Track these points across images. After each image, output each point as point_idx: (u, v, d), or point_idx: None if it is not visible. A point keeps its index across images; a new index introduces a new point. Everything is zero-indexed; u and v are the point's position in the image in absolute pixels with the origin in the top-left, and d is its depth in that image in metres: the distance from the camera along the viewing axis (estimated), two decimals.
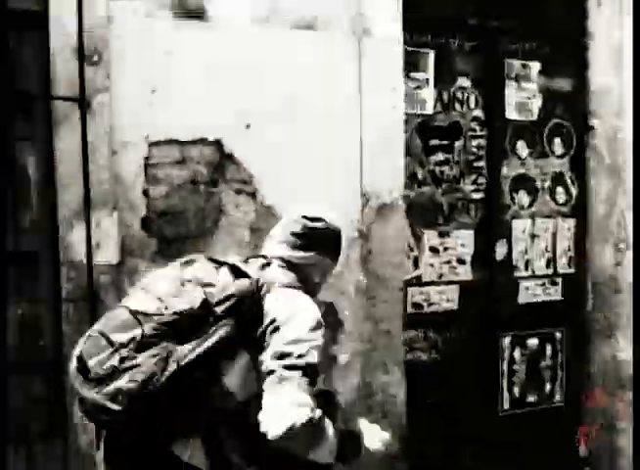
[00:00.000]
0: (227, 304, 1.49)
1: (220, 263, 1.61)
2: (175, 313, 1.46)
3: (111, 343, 1.43)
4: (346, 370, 2.63)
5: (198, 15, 2.36)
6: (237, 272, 1.57)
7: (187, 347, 1.43)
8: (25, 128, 2.28)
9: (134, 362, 1.39)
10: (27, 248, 2.26)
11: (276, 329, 1.50)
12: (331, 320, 2.59)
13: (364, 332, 2.66)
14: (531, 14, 3.16)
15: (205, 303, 1.48)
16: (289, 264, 1.70)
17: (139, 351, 1.40)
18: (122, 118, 2.26)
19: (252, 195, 2.48)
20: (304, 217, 1.74)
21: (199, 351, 1.43)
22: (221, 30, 2.39)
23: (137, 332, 1.43)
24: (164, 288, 1.53)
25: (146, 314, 1.46)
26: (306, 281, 1.72)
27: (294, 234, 1.72)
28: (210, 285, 1.52)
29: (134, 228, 2.31)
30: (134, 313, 1.47)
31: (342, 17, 2.56)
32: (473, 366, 3.12)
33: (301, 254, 1.71)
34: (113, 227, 2.26)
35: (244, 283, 1.54)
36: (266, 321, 1.52)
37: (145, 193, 2.32)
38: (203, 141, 2.38)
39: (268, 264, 1.68)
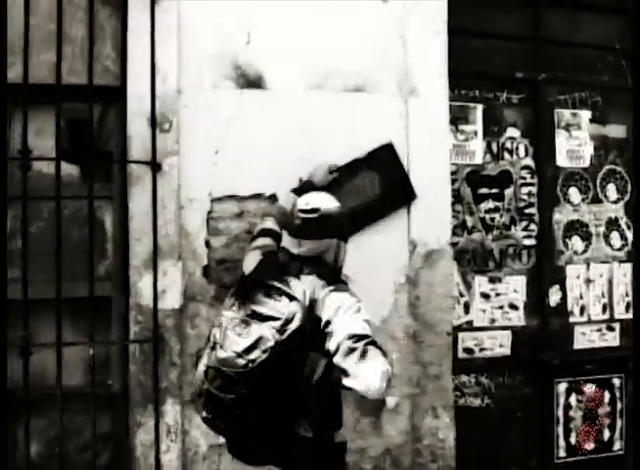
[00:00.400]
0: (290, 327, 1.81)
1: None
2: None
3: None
4: (395, 414, 2.72)
5: (257, 83, 2.60)
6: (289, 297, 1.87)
7: None
8: (104, 188, 2.57)
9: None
10: (101, 293, 2.51)
11: (328, 323, 1.82)
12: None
13: (413, 376, 2.75)
14: (580, 64, 3.24)
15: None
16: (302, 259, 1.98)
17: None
18: (189, 178, 2.51)
19: None
20: (300, 211, 2.01)
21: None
22: (278, 96, 2.62)
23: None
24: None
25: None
26: (325, 264, 2.01)
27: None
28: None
29: (196, 275, 2.53)
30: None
31: (390, 78, 2.74)
32: (526, 412, 3.13)
33: (309, 245, 1.99)
34: (177, 275, 2.48)
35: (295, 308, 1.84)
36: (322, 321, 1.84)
37: (206, 243, 2.54)
38: (259, 196, 2.59)
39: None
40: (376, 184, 2.70)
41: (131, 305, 2.44)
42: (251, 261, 2.05)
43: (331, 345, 1.79)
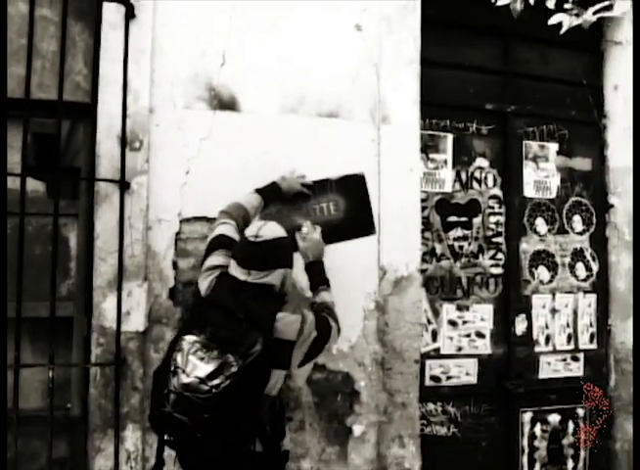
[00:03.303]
0: None
1: None
2: None
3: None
4: (362, 442, 2.68)
5: (230, 105, 2.60)
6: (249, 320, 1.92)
7: None
8: (71, 205, 2.51)
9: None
10: (63, 314, 2.44)
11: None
12: (346, 390, 2.68)
13: (380, 403, 2.72)
14: (548, 97, 3.33)
15: None
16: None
17: None
18: (158, 198, 2.47)
19: None
20: (249, 241, 2.01)
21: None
22: (251, 119, 2.62)
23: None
24: None
25: None
26: (273, 291, 2.05)
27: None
28: None
29: (162, 297, 2.48)
30: None
31: (363, 105, 2.76)
32: (492, 441, 3.12)
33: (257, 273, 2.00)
34: (142, 296, 2.43)
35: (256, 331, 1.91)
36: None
37: (174, 265, 2.50)
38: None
39: None
40: (340, 209, 2.69)
41: (93, 327, 2.38)
42: (206, 283, 2.04)
43: None
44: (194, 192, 2.53)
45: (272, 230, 2.05)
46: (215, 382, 1.76)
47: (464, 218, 3.16)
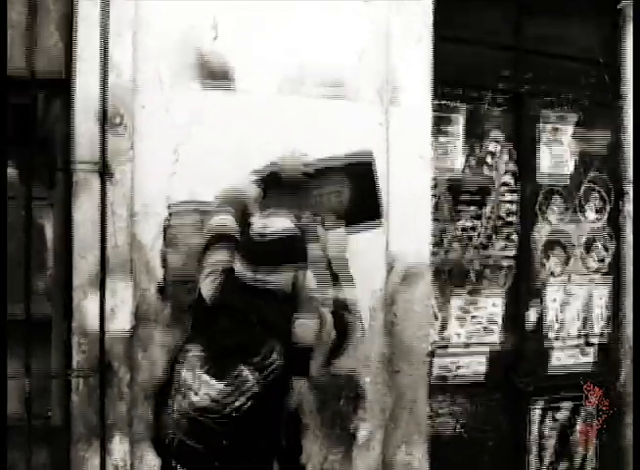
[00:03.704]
0: None
1: None
2: None
3: None
4: (366, 447, 2.51)
5: (224, 83, 2.35)
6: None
7: None
8: (46, 192, 2.27)
9: None
10: (40, 312, 2.22)
11: None
12: (351, 392, 2.50)
13: (386, 407, 2.55)
14: (565, 77, 3.11)
15: None
16: None
17: None
18: (144, 184, 2.24)
19: None
20: (256, 236, 1.79)
21: None
22: (247, 99, 2.38)
23: None
24: None
25: None
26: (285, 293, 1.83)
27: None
28: None
29: (149, 294, 2.26)
30: None
31: (370, 85, 2.53)
32: (499, 437, 2.97)
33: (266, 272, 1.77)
34: (128, 293, 2.21)
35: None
36: None
37: (162, 257, 2.28)
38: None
39: None
40: (345, 195, 2.45)
41: (74, 329, 2.15)
42: (209, 285, 1.81)
43: None
44: (183, 179, 2.29)
45: (282, 225, 1.83)
46: (234, 404, 1.57)
47: (474, 206, 2.96)
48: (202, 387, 1.59)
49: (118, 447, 2.18)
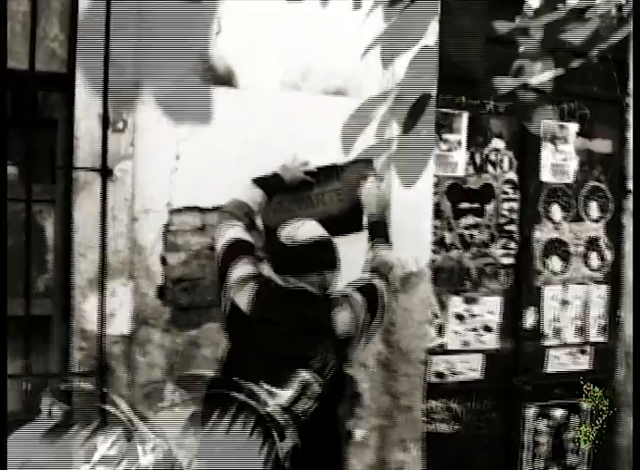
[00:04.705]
0: None
1: None
2: None
3: None
4: (362, 447, 2.52)
5: (226, 80, 2.30)
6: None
7: None
8: (47, 191, 2.24)
9: None
10: (40, 312, 2.21)
11: None
12: (348, 393, 2.50)
13: (383, 407, 2.55)
14: (569, 75, 3.05)
15: None
16: None
17: None
18: (145, 186, 2.21)
19: None
20: (285, 244, 1.79)
21: None
22: (249, 96, 2.33)
23: None
24: None
25: None
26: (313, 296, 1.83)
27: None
28: None
29: (149, 296, 2.24)
30: None
31: (373, 81, 2.47)
32: (494, 438, 2.99)
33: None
34: (127, 296, 2.19)
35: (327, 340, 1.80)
36: None
37: (162, 260, 2.26)
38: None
39: None
40: (346, 198, 2.41)
41: (74, 330, 2.14)
42: (245, 298, 1.78)
43: None
44: (185, 179, 2.26)
45: (311, 231, 1.82)
46: (301, 407, 1.60)
47: (476, 205, 2.93)
48: (269, 398, 1.59)
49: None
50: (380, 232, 2.14)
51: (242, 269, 1.83)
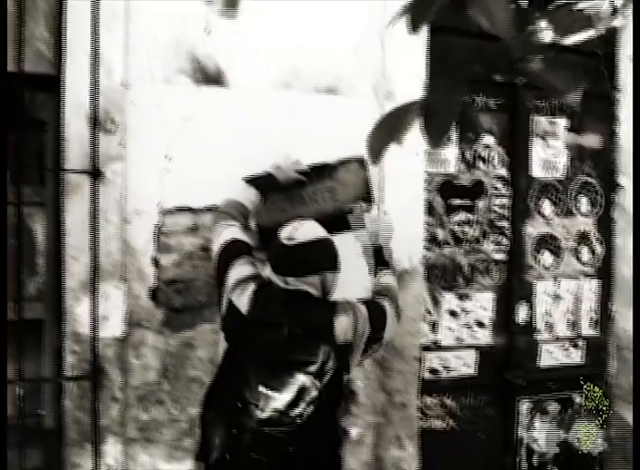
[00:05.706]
0: None
1: None
2: None
3: None
4: (358, 444, 2.52)
5: (217, 79, 2.29)
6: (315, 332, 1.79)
7: None
8: (37, 193, 2.22)
9: None
10: (32, 316, 2.18)
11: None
12: (344, 391, 2.50)
13: (378, 404, 2.55)
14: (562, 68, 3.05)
15: None
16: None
17: None
18: (136, 187, 2.19)
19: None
20: (285, 245, 1.77)
21: None
22: (240, 95, 2.32)
23: None
24: None
25: None
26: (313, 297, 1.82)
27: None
28: None
29: (142, 298, 2.23)
30: None
31: (365, 79, 2.47)
32: (490, 433, 3.00)
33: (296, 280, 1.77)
34: (120, 298, 2.18)
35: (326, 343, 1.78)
36: None
37: (155, 262, 2.24)
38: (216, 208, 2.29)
39: None
40: (338, 196, 2.40)
41: (66, 333, 2.12)
42: (245, 299, 1.76)
43: None
44: (176, 179, 2.24)
45: (310, 231, 1.79)
46: (298, 411, 1.57)
47: (468, 201, 2.94)
48: (267, 402, 1.58)
49: (111, 450, 2.17)
50: (382, 259, 2.15)
51: (240, 270, 1.81)
